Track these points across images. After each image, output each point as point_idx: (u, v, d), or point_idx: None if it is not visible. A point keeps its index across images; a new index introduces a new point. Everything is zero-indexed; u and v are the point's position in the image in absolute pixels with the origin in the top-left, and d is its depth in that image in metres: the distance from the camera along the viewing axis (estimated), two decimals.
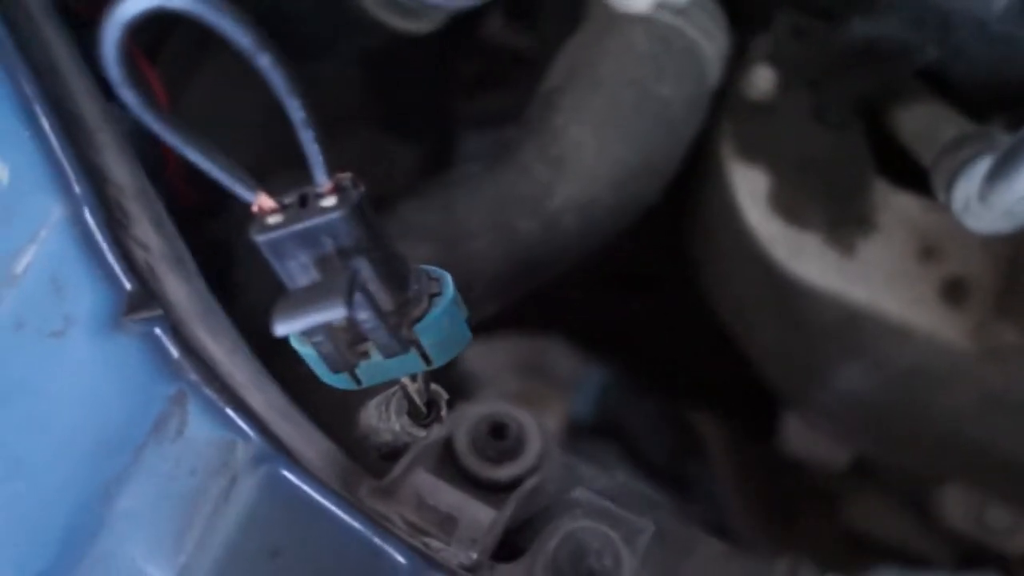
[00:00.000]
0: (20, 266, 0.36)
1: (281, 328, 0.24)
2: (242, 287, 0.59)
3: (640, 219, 0.61)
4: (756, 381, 0.75)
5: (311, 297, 0.24)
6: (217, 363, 0.39)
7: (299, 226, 0.24)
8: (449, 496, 0.40)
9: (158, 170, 0.53)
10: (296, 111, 0.23)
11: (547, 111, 0.57)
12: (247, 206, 0.77)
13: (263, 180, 0.77)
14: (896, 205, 0.63)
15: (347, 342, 0.26)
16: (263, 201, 0.25)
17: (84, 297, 0.36)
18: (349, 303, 0.23)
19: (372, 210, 0.25)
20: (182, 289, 0.41)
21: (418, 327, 0.27)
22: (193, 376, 0.36)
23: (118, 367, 0.35)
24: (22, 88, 0.39)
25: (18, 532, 0.33)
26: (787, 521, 0.87)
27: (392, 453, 0.40)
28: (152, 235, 0.42)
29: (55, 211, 0.37)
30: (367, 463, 0.40)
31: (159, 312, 0.37)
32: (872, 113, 0.66)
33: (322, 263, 0.25)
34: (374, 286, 0.25)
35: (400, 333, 0.26)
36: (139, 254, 0.41)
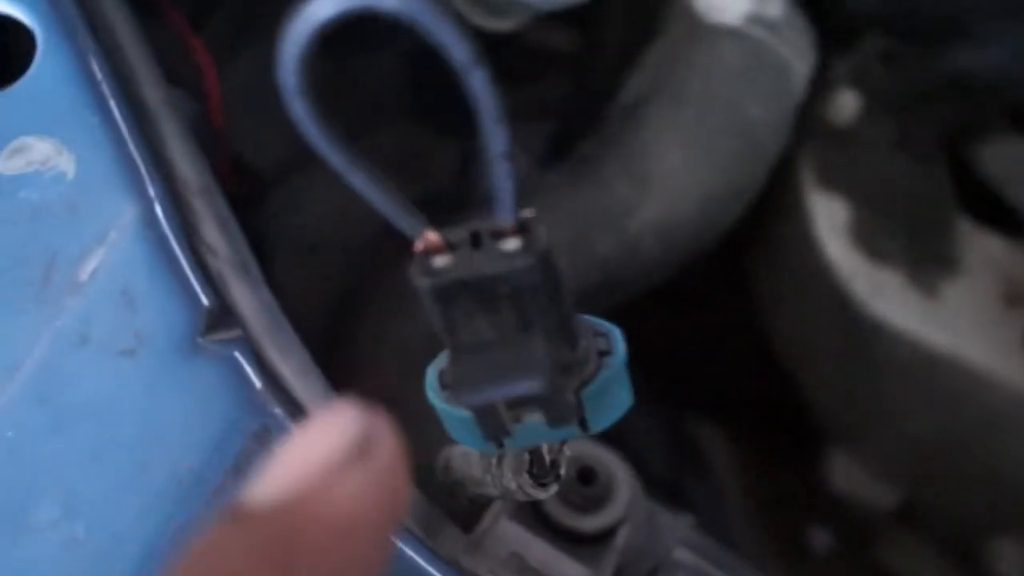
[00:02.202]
0: (85, 272, 0.32)
1: (469, 402, 0.20)
2: (277, 286, 0.55)
3: None
4: (785, 406, 0.73)
5: (498, 366, 0.20)
6: (292, 389, 0.35)
7: (474, 272, 0.21)
8: (538, 549, 0.37)
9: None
10: (499, 141, 0.19)
11: (631, 125, 0.54)
12: (281, 197, 0.72)
13: (297, 170, 0.72)
14: (981, 245, 0.60)
15: (507, 405, 0.23)
16: (430, 238, 0.21)
17: (158, 312, 0.32)
18: (550, 380, 0.19)
19: (556, 256, 0.21)
20: (251, 301, 0.37)
21: (585, 391, 0.23)
22: (277, 410, 0.32)
23: (195, 396, 0.31)
24: (91, 69, 0.35)
25: None
26: (803, 551, 0.85)
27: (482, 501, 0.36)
28: (219, 238, 0.38)
29: (127, 211, 0.33)
30: (446, 508, 0.36)
31: (238, 332, 0.33)
32: (955, 147, 0.63)
33: (493, 314, 0.21)
34: (554, 347, 0.21)
35: (570, 399, 0.22)
36: (211, 261, 0.37)
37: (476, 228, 0.21)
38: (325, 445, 0.19)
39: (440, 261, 0.21)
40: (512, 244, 0.21)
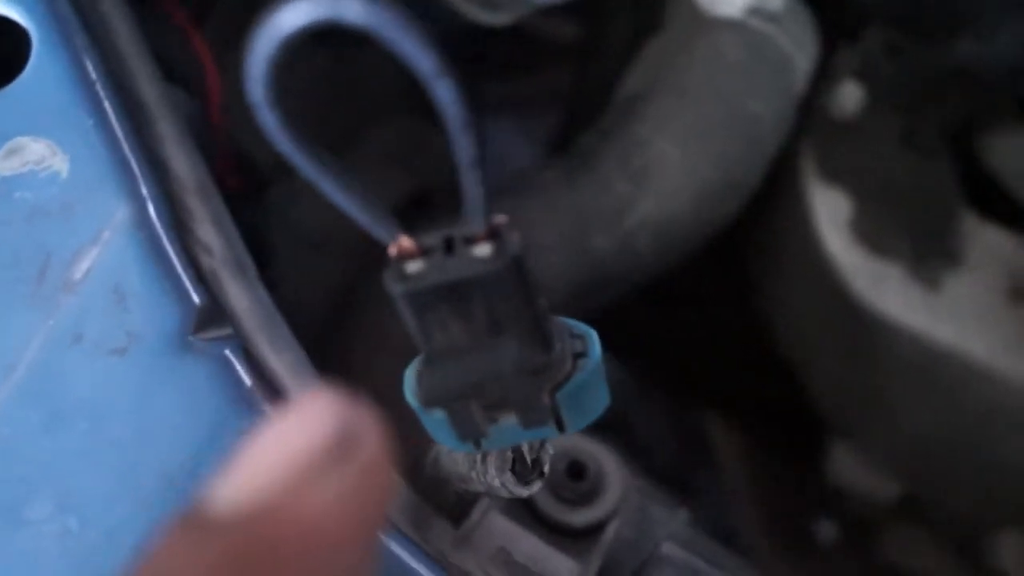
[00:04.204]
0: (79, 271, 0.33)
1: (440, 404, 0.20)
2: (278, 281, 0.56)
3: None
4: (788, 400, 0.73)
5: (468, 369, 0.20)
6: (284, 387, 0.35)
7: (447, 278, 0.21)
8: (527, 544, 0.37)
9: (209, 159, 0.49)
10: (467, 150, 0.19)
11: (629, 119, 0.53)
12: (282, 192, 0.72)
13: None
14: (986, 240, 0.59)
15: (482, 407, 0.23)
16: (404, 243, 0.21)
17: (149, 311, 0.32)
18: (518, 383, 0.19)
19: (528, 260, 0.22)
20: (244, 299, 0.37)
21: (560, 393, 0.23)
22: (268, 408, 0.32)
23: (186, 393, 0.31)
24: (86, 70, 0.36)
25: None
26: (809, 544, 0.85)
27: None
28: (214, 237, 0.38)
29: (120, 211, 0.34)
30: (435, 503, 0.37)
31: (229, 331, 0.34)
32: (959, 140, 0.63)
33: (465, 319, 0.21)
34: (526, 349, 0.22)
35: (545, 401, 0.23)
36: (204, 260, 0.37)
37: (449, 234, 0.22)
38: (301, 441, 0.16)
39: (413, 267, 0.21)
40: (484, 249, 0.21)
